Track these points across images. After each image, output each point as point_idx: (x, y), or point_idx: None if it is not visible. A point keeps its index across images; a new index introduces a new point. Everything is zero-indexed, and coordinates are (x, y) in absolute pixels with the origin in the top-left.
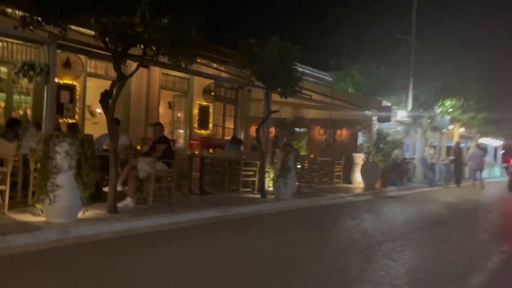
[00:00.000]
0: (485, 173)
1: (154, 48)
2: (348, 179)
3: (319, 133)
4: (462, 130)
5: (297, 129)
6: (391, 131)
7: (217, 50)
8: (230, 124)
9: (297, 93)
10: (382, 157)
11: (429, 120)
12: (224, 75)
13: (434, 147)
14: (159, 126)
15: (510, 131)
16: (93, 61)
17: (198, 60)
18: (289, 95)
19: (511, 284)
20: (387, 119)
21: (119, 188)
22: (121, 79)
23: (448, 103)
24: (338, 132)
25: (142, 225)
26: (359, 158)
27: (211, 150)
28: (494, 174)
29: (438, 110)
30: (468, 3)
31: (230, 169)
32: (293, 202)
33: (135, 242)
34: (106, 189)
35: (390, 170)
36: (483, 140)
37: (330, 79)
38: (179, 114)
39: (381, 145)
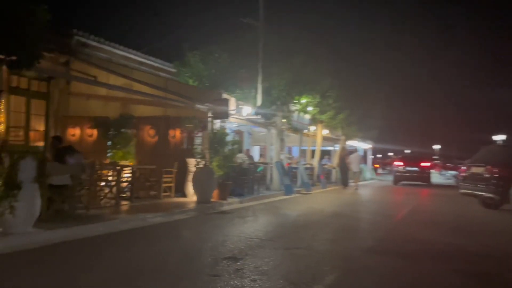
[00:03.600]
0: (367, 175)
1: None
2: (182, 191)
3: (149, 134)
4: (326, 132)
5: (124, 130)
6: (260, 134)
7: None
8: (39, 126)
9: (34, 63)
10: (221, 162)
11: (284, 120)
12: None
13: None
14: None
15: (373, 133)
16: None
17: None
18: (25, 66)
19: None
20: (224, 115)
21: None
22: None
23: (304, 100)
24: (171, 132)
25: None
26: (192, 164)
27: None
28: (366, 176)
29: (294, 108)
30: None
31: None
32: (28, 238)
33: None
34: None
35: (233, 178)
36: (350, 143)
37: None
38: None
39: (220, 148)
